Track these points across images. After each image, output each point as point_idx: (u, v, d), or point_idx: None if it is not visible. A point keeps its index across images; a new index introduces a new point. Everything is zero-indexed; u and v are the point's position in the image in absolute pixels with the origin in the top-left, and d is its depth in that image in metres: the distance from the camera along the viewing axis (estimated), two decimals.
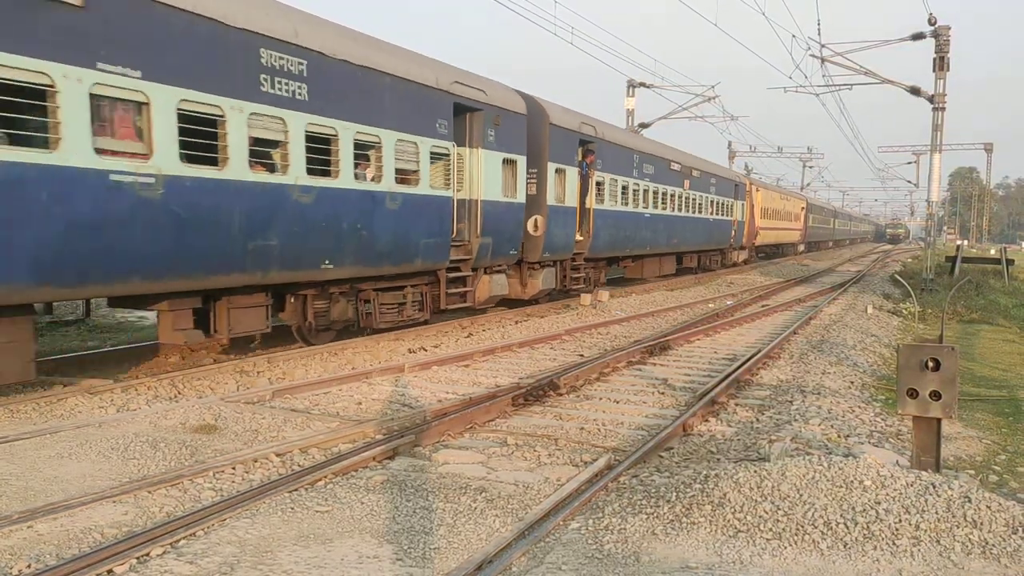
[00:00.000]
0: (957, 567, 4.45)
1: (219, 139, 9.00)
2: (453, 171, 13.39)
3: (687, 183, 27.56)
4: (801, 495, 5.09)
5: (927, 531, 4.71)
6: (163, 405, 7.92)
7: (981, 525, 4.75)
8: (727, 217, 33.97)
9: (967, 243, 68.11)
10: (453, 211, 13.45)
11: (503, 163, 15.00)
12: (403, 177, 12.12)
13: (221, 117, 8.98)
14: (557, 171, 17.37)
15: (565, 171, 17.77)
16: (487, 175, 14.40)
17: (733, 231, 35.19)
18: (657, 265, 26.20)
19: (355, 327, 12.30)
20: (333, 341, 11.89)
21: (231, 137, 9.08)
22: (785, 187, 64.63)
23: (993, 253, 44.00)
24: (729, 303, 20.29)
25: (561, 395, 8.89)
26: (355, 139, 11.01)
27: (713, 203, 31.35)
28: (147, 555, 4.46)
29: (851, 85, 28.75)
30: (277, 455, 6.40)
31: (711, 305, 19.83)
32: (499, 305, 16.75)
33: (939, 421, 5.74)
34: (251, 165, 9.45)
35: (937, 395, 5.58)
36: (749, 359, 11.16)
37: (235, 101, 9.09)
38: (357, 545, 4.73)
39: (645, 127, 35.43)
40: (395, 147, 11.83)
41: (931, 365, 5.56)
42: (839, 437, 7.30)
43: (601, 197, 20.00)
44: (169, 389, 8.72)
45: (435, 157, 12.91)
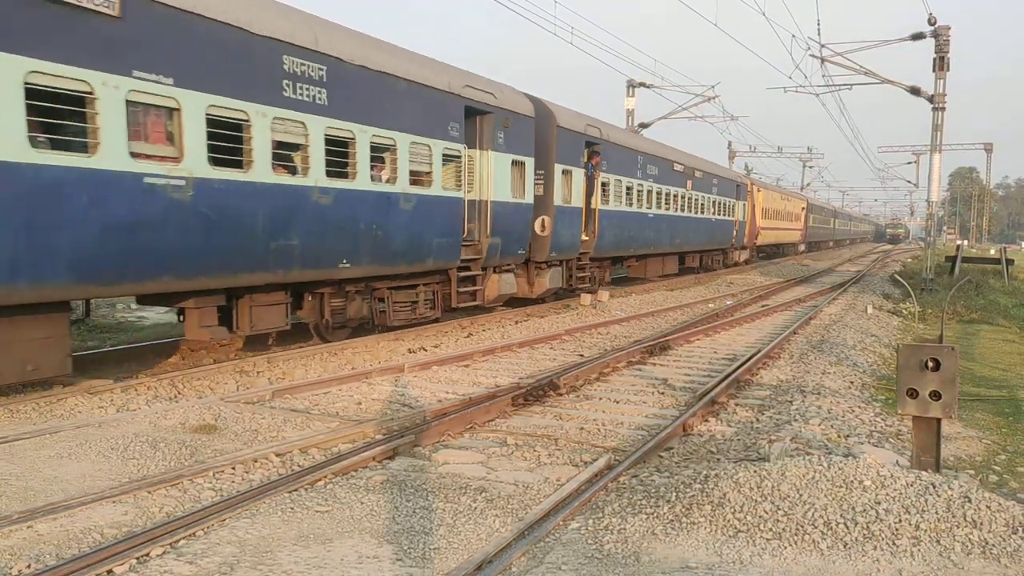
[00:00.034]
0: (957, 567, 4.45)
1: (244, 143, 9.30)
2: (464, 173, 13.64)
3: (690, 184, 27.68)
4: (801, 495, 5.09)
5: (927, 531, 4.71)
6: (163, 405, 7.93)
7: (981, 525, 4.75)
8: (729, 217, 34.05)
9: (967, 243, 68.11)
10: (464, 212, 13.70)
11: (512, 165, 15.21)
12: (417, 178, 12.38)
13: (246, 121, 9.27)
14: (564, 172, 17.54)
15: (571, 172, 17.95)
16: (497, 176, 14.63)
17: (735, 231, 35.27)
18: (660, 265, 26.41)
19: (370, 325, 12.53)
20: (348, 338, 12.11)
21: (255, 141, 9.37)
22: (785, 187, 64.66)
23: (993, 253, 44.00)
24: (729, 303, 20.30)
25: (561, 395, 8.89)
26: (371, 142, 11.27)
27: (715, 203, 31.44)
28: (147, 555, 4.46)
29: (851, 85, 28.78)
30: (277, 455, 6.40)
31: (711, 305, 19.83)
32: (504, 304, 16.85)
33: (939, 421, 5.74)
34: (274, 168, 9.75)
35: (937, 395, 5.58)
36: (749, 359, 11.16)
37: (259, 106, 9.38)
38: (357, 545, 4.73)
39: (645, 127, 35.43)
40: (409, 149, 12.10)
41: (931, 365, 5.56)
42: (839, 437, 7.30)
43: (606, 198, 20.16)
44: (169, 389, 8.72)
45: (447, 159, 13.14)
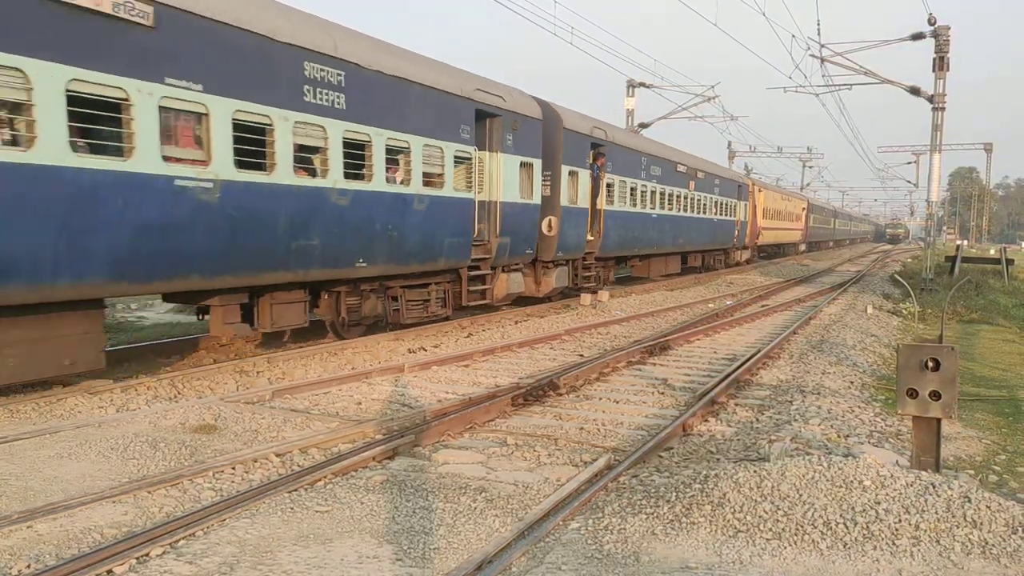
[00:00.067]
0: (957, 567, 4.45)
1: (268, 146, 9.58)
2: (475, 174, 13.90)
3: (692, 184, 27.83)
4: (801, 495, 5.09)
5: (927, 531, 4.71)
6: (163, 405, 7.93)
7: (981, 525, 4.74)
8: (731, 217, 34.14)
9: (967, 243, 68.11)
10: (474, 212, 13.95)
11: (520, 166, 15.47)
12: (429, 180, 12.70)
13: (270, 126, 9.55)
14: (570, 174, 17.77)
15: (578, 173, 18.19)
16: (506, 178, 14.89)
17: (736, 231, 35.38)
18: (663, 264, 26.67)
19: (383, 323, 12.84)
20: (363, 335, 12.43)
21: (278, 144, 9.65)
22: (785, 187, 64.67)
23: (993, 253, 44.00)
24: (729, 303, 20.30)
25: (561, 395, 8.89)
26: (387, 144, 11.59)
27: (717, 204, 31.54)
28: (147, 555, 4.46)
29: (851, 85, 28.77)
30: (277, 455, 6.40)
31: (711, 305, 19.84)
32: (511, 303, 17.00)
33: (939, 421, 5.74)
34: (295, 170, 10.04)
35: (937, 395, 5.58)
36: (749, 359, 11.16)
37: (282, 111, 9.67)
38: (357, 545, 4.73)
39: (645, 127, 35.44)
40: (423, 152, 12.42)
41: (931, 365, 5.56)
42: (839, 437, 7.30)
43: (611, 198, 20.38)
44: (169, 389, 8.72)
45: (458, 161, 13.43)
